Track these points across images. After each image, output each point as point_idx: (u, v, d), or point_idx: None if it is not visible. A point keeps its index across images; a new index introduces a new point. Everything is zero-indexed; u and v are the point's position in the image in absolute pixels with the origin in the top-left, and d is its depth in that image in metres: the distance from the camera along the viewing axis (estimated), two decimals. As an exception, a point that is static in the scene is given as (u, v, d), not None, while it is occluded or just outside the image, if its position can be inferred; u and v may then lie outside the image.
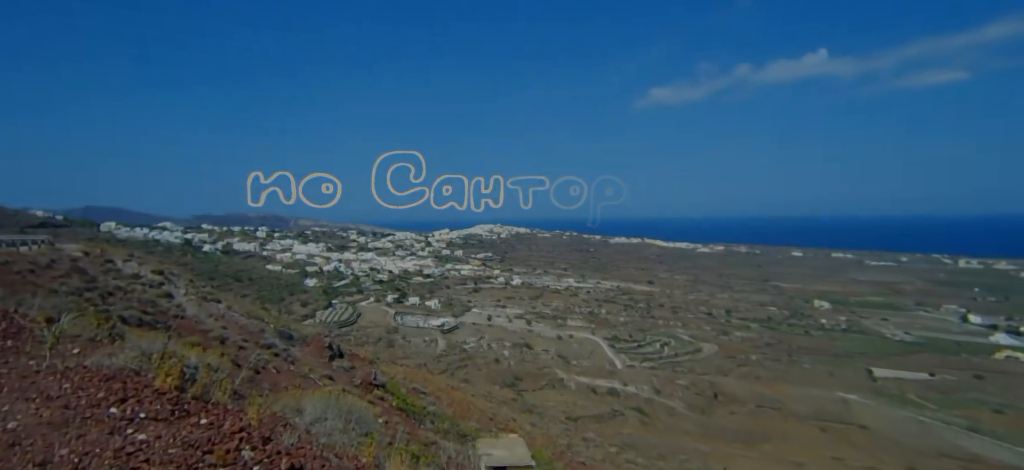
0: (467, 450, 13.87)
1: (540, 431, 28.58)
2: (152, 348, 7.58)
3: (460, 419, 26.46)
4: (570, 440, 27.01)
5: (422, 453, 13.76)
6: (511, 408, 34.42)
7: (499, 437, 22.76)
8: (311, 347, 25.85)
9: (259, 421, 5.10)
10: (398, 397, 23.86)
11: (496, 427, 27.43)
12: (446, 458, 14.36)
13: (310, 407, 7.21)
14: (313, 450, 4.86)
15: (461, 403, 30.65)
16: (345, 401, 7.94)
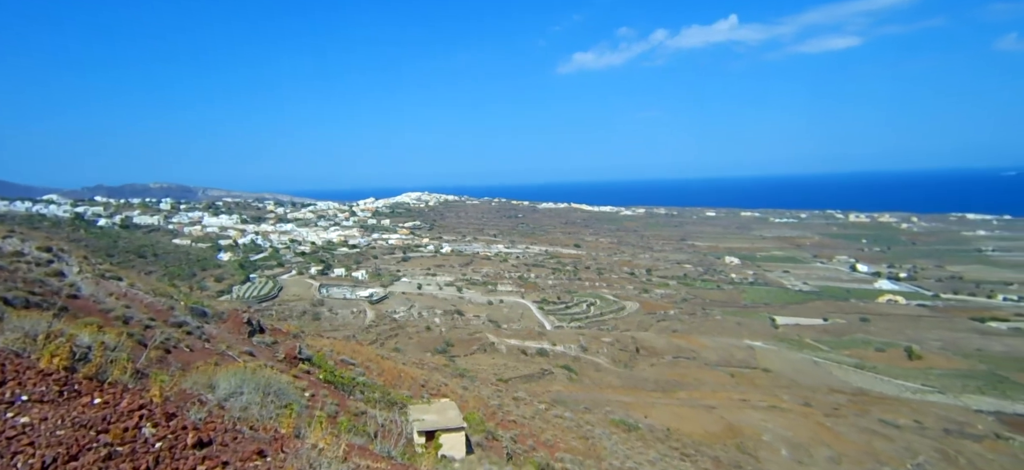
0: (397, 417, 13.77)
1: (472, 394, 28.94)
2: (37, 329, 6.85)
3: (391, 388, 26.28)
4: (501, 401, 27.54)
5: (351, 423, 13.53)
6: (443, 374, 34.54)
7: (431, 402, 22.83)
8: (228, 323, 24.52)
9: (163, 398, 4.75)
10: (325, 370, 23.26)
11: (428, 393, 27.47)
12: (376, 426, 14.22)
13: (224, 382, 6.82)
14: (224, 424, 4.60)
15: (392, 372, 30.36)
16: (263, 375, 7.59)
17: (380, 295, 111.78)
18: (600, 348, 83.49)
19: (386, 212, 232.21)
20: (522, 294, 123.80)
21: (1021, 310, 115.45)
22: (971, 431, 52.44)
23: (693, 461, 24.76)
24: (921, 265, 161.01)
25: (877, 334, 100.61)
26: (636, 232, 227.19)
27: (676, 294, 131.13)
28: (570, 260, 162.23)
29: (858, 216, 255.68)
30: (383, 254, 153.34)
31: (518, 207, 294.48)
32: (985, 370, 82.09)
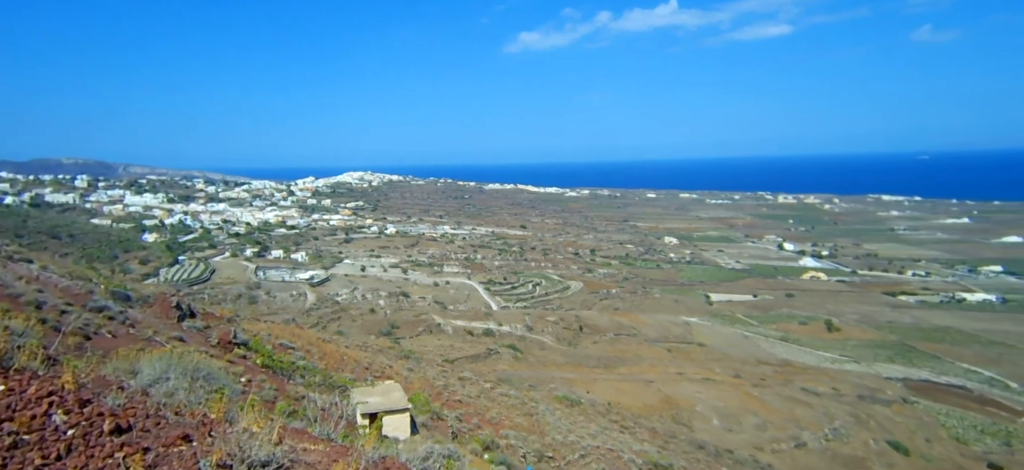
0: (339, 400, 13.50)
1: (417, 375, 28.77)
2: (-73, 316, 6.21)
3: (333, 371, 25.73)
4: (447, 381, 27.54)
5: (290, 407, 13.15)
6: (388, 356, 34.12)
7: (375, 384, 22.52)
8: (155, 308, 23.16)
9: (77, 385, 4.41)
10: (263, 354, 22.46)
11: (372, 375, 27.09)
12: (317, 410, 13.90)
13: (148, 368, 6.43)
14: (146, 410, 4.33)
15: (334, 356, 29.70)
16: (190, 359, 7.22)
17: (321, 277, 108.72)
18: (545, 327, 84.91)
19: (327, 192, 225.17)
20: (469, 275, 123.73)
21: (928, 285, 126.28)
22: (881, 396, 57.23)
23: (632, 433, 25.70)
24: (841, 243, 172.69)
25: (801, 309, 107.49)
26: (581, 213, 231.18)
27: (618, 273, 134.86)
28: (516, 241, 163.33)
29: (786, 197, 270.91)
30: (324, 235, 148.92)
31: (465, 188, 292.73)
32: (895, 340, 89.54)
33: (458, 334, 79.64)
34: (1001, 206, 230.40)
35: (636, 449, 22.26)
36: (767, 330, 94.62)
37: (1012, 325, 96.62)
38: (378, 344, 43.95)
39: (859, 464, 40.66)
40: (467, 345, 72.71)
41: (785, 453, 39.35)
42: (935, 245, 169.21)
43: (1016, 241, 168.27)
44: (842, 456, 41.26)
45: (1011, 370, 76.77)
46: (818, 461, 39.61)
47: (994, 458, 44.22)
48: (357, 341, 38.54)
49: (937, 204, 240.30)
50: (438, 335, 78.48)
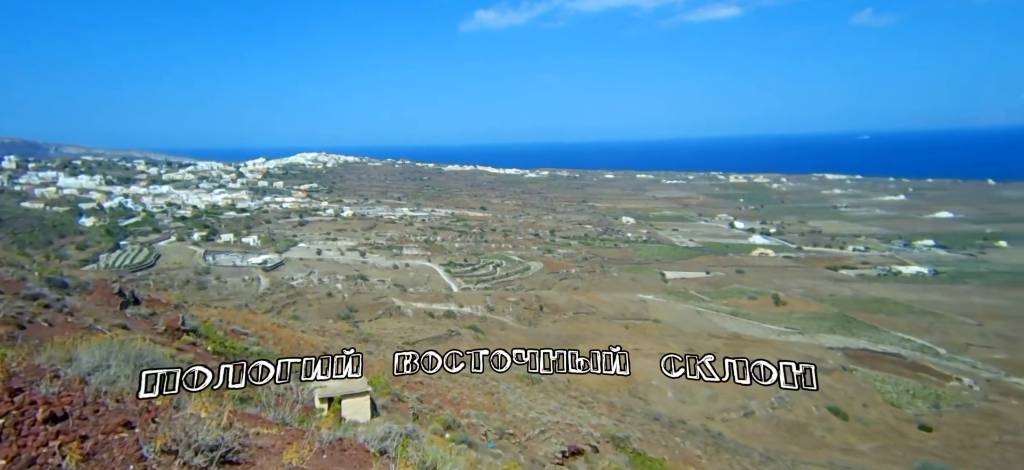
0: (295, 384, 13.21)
1: (377, 358, 28.45)
2: None
3: (289, 356, 25.17)
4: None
5: (243, 392, 12.81)
6: (346, 340, 33.63)
7: (333, 368, 22.14)
8: (95, 295, 22.01)
9: (6, 373, 4.14)
10: (214, 341, 21.72)
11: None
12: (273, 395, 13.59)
13: (86, 355, 6.10)
14: (84, 397, 4.11)
15: (290, 340, 29.04)
16: (133, 346, 6.90)
17: (275, 261, 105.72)
18: (506, 307, 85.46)
19: (279, 174, 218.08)
20: (429, 257, 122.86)
21: (866, 259, 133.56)
22: (823, 365, 60.53)
23: (590, 407, 26.29)
24: (788, 221, 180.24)
25: (750, 284, 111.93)
26: (540, 194, 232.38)
27: (577, 253, 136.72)
28: (476, 222, 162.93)
29: (737, 177, 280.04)
30: (277, 218, 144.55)
31: (423, 169, 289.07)
32: (836, 312, 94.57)
33: (419, 316, 79.22)
34: (934, 183, 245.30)
35: (594, 423, 22.82)
36: (719, 305, 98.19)
37: (942, 295, 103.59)
38: (336, 328, 43.24)
39: (802, 429, 43.02)
40: (428, 327, 72.45)
41: (734, 422, 41.23)
42: (874, 221, 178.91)
43: (947, 216, 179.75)
44: (786, 423, 43.55)
45: (941, 338, 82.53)
46: (764, 428, 41.69)
47: (924, 420, 47.64)
48: (314, 325, 37.80)
49: (876, 182, 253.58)
50: (398, 318, 77.84)
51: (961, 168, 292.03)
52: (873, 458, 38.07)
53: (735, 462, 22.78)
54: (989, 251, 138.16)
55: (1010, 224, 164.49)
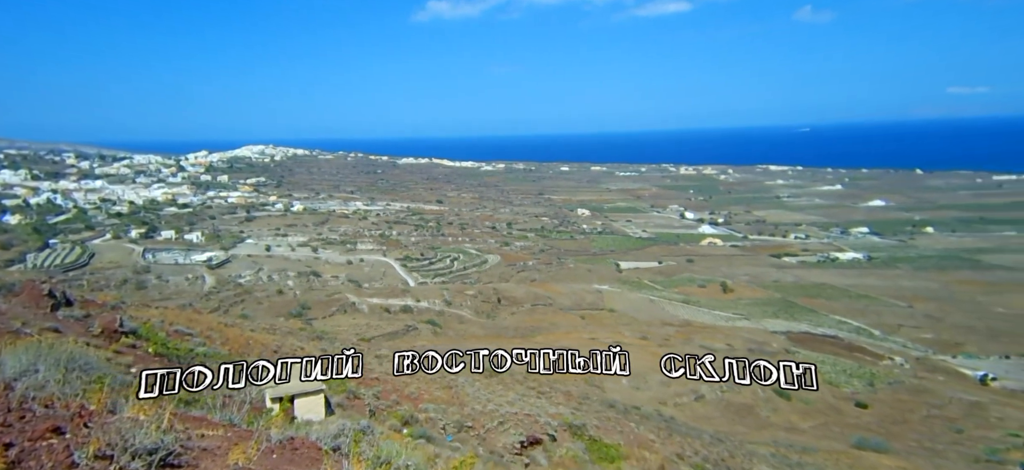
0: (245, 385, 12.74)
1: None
2: None
3: (238, 356, 24.26)
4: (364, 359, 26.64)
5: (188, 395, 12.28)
6: (298, 338, 32.72)
7: (285, 367, 21.49)
8: (23, 297, 20.58)
9: (-86, 382, 3.79)
10: (155, 342, 20.70)
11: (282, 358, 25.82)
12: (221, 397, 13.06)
13: (11, 360, 5.68)
14: (8, 403, 3.81)
15: (238, 340, 27.98)
16: (64, 349, 6.47)
17: (221, 258, 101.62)
18: (464, 301, 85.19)
19: (223, 167, 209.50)
20: (384, 252, 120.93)
21: (807, 246, 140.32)
22: (768, 348, 63.35)
23: (548, 397, 26.55)
24: (735, 211, 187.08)
25: (700, 272, 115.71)
26: (497, 187, 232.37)
27: (534, 246, 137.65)
28: (433, 216, 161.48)
29: (687, 169, 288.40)
30: (222, 214, 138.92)
31: (377, 162, 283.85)
32: (779, 298, 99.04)
33: (374, 312, 77.95)
34: (868, 173, 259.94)
35: (552, 412, 23.08)
36: (670, 294, 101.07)
37: (876, 280, 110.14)
38: (288, 326, 42.02)
39: (749, 411, 44.94)
40: (384, 323, 71.40)
41: (686, 406, 42.65)
42: (813, 210, 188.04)
43: (879, 204, 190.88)
44: (735, 405, 45.40)
45: (874, 319, 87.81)
46: (714, 411, 43.33)
47: (860, 397, 50.63)
48: (264, 324, 36.59)
49: (815, 173, 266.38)
50: (353, 314, 76.36)
51: (892, 159, 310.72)
52: (814, 435, 40.22)
53: (686, 444, 23.56)
54: (918, 237, 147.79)
55: (936, 211, 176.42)
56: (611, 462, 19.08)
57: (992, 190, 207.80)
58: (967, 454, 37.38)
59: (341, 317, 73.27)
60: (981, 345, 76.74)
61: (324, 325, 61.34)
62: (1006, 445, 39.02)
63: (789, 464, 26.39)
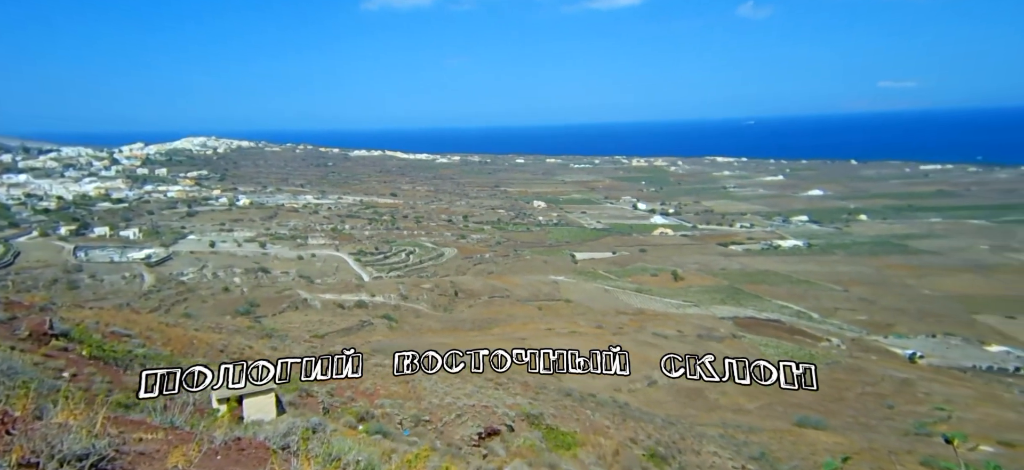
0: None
1: (281, 354, 26.86)
2: None
3: (181, 357, 23.21)
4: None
5: (127, 399, 11.66)
6: (246, 336, 31.61)
7: (232, 366, 20.72)
8: (-67, 302, 18.98)
9: None
10: (90, 345, 19.53)
11: (228, 358, 24.92)
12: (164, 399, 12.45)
13: (-81, 367, 5.20)
14: (-87, 412, 3.48)
15: (181, 340, 26.76)
16: (-17, 351, 5.98)
17: (161, 256, 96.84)
18: (420, 295, 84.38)
19: (161, 160, 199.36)
20: (337, 246, 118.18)
21: (751, 235, 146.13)
22: (716, 334, 65.79)
23: (506, 388, 26.67)
24: (684, 201, 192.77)
25: (652, 262, 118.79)
26: (452, 179, 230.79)
27: (491, 238, 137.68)
28: (387, 209, 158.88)
29: (639, 161, 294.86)
30: (161, 209, 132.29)
31: (327, 154, 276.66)
32: (727, 285, 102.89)
33: (327, 308, 76.17)
34: (808, 164, 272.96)
35: (510, 402, 23.20)
36: (624, 283, 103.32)
37: (814, 266, 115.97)
38: (235, 324, 40.51)
39: (698, 394, 46.57)
40: (338, 319, 69.90)
41: (639, 392, 43.76)
42: (757, 200, 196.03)
43: (818, 193, 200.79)
44: (686, 389, 46.92)
45: (814, 303, 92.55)
46: (666, 395, 44.66)
47: (799, 376, 53.36)
48: (209, 323, 35.12)
49: (759, 164, 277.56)
50: (305, 310, 74.39)
51: (829, 150, 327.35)
52: (759, 415, 42.10)
53: (640, 428, 24.18)
54: (853, 224, 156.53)
55: (870, 199, 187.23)
56: (567, 449, 19.37)
57: (920, 179, 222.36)
58: (897, 428, 40.02)
59: (292, 314, 71.25)
60: (910, 325, 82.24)
61: (274, 323, 59.50)
62: (933, 418, 42.01)
63: (736, 444, 27.54)
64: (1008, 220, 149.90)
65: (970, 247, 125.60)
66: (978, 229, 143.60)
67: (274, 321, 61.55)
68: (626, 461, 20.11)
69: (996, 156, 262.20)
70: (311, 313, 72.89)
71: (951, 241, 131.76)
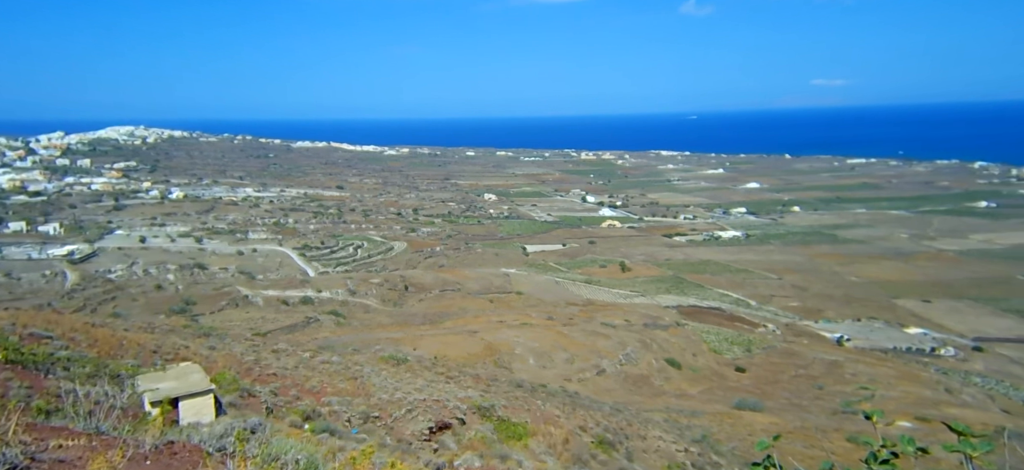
0: (111, 390, 11.46)
1: (221, 353, 25.78)
2: None
3: (109, 359, 21.81)
4: (258, 355, 25.26)
5: (48, 404, 10.84)
6: (182, 335, 30.02)
7: (166, 369, 19.69)
8: None
9: None
10: (6, 348, 18.04)
11: (162, 359, 23.62)
12: (90, 404, 11.64)
13: None
14: None
15: (109, 341, 25.11)
16: None
17: (85, 252, 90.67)
18: (369, 289, 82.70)
19: (84, 150, 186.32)
20: (280, 241, 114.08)
21: (694, 226, 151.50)
22: (661, 322, 67.87)
23: (457, 381, 26.59)
24: (631, 194, 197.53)
25: (601, 253, 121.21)
26: (401, 172, 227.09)
27: (442, 231, 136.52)
28: (333, 202, 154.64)
29: (588, 154, 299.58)
30: (84, 203, 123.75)
31: (269, 146, 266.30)
32: (671, 275, 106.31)
33: (270, 305, 73.48)
34: (746, 158, 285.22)
35: (461, 396, 23.12)
36: (574, 275, 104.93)
37: (752, 255, 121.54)
38: (169, 323, 38.46)
39: (644, 381, 48.00)
40: (282, 316, 67.53)
41: (589, 380, 44.64)
42: (700, 192, 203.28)
43: (755, 186, 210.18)
44: (632, 376, 48.27)
45: (751, 291, 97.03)
46: (614, 383, 45.77)
47: (740, 362, 55.84)
48: (140, 322, 33.18)
49: (701, 158, 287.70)
50: (246, 308, 71.48)
51: (766, 144, 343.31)
52: (701, 399, 43.84)
53: (589, 416, 24.66)
54: (787, 215, 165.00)
55: (802, 191, 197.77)
56: (519, 440, 19.50)
57: (847, 172, 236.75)
58: (827, 407, 42.63)
59: (232, 311, 68.34)
60: (838, 310, 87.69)
61: (212, 321, 56.94)
62: (858, 397, 45.00)
63: (680, 427, 28.56)
64: (925, 210, 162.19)
65: (891, 236, 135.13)
66: (898, 219, 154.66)
67: (212, 319, 58.86)
68: (576, 449, 20.47)
69: (915, 151, 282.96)
70: (253, 310, 70.12)
71: (874, 230, 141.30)
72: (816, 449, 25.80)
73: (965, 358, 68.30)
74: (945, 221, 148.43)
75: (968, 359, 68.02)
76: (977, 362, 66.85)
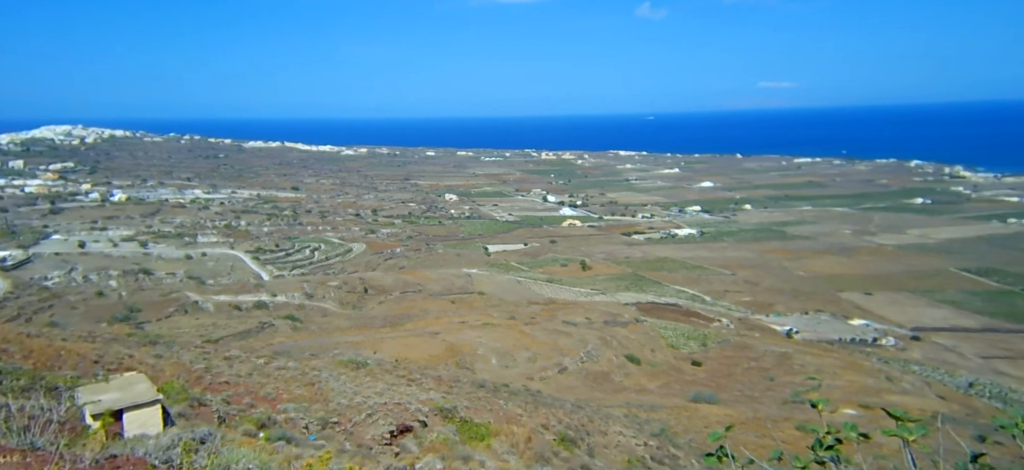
0: (47, 403, 10.81)
1: (169, 362, 24.73)
2: None
3: (46, 371, 20.55)
4: (209, 363, 24.33)
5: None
6: (126, 344, 28.53)
7: (110, 380, 18.69)
8: None
9: None
10: (-76, 365, 16.77)
11: (104, 369, 22.43)
12: (25, 418, 10.92)
13: None
14: None
15: (46, 352, 23.69)
16: None
17: (18, 258, 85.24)
18: (327, 293, 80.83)
19: (16, 151, 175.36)
20: (231, 244, 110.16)
21: (652, 224, 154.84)
22: (621, 319, 69.07)
23: (419, 384, 26.30)
24: (591, 193, 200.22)
25: (562, 252, 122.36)
26: (359, 172, 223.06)
27: (402, 232, 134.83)
28: (288, 204, 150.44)
29: (548, 154, 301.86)
30: (17, 206, 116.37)
31: (218, 146, 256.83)
32: (630, 272, 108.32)
33: (222, 310, 70.85)
34: (700, 157, 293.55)
35: (423, 398, 22.87)
36: (536, 274, 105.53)
37: (706, 252, 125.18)
38: (112, 332, 36.54)
39: (605, 378, 48.75)
40: (234, 321, 65.18)
41: (551, 379, 44.99)
42: (657, 191, 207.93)
43: (709, 185, 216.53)
44: (593, 373, 48.92)
45: (706, 287, 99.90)
46: (576, 381, 46.28)
47: (696, 357, 57.44)
48: (79, 332, 31.38)
49: (658, 157, 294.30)
50: (195, 314, 68.67)
51: (718, 144, 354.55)
52: (659, 394, 44.85)
53: (551, 414, 24.83)
54: (739, 213, 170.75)
55: (753, 190, 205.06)
56: (481, 441, 19.46)
57: (794, 171, 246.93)
58: (777, 398, 44.32)
59: (180, 318, 65.54)
60: (787, 304, 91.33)
61: (159, 328, 54.48)
62: (806, 387, 46.99)
63: (639, 422, 29.13)
64: (866, 207, 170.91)
65: (835, 232, 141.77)
66: (842, 216, 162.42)
67: (159, 327, 56.34)
68: (538, 447, 20.57)
69: (856, 151, 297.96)
70: (203, 316, 67.44)
71: (820, 227, 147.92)
72: (767, 438, 26.76)
73: (904, 347, 72.40)
74: (885, 217, 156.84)
75: (907, 348, 72.11)
76: (915, 351, 70.96)
